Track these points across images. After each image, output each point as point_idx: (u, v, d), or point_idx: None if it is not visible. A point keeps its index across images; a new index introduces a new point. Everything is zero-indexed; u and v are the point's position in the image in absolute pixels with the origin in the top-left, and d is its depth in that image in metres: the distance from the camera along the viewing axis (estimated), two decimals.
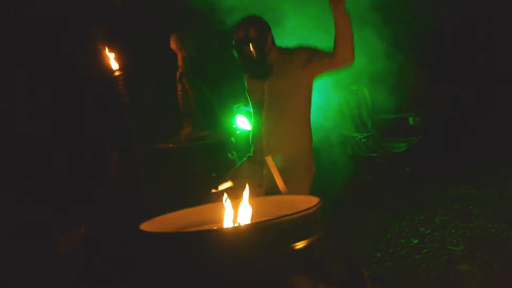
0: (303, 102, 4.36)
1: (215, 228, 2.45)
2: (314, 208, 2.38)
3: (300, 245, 2.24)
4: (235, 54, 4.40)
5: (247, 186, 2.56)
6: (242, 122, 5.89)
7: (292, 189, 2.98)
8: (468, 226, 5.66)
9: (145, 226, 2.42)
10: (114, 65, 4.67)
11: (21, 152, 5.54)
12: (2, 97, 5.58)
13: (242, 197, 2.51)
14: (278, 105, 4.33)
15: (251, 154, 4.57)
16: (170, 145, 6.06)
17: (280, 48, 4.45)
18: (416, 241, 5.49)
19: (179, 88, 6.03)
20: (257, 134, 4.47)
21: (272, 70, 4.34)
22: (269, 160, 3.24)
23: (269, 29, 4.41)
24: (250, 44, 4.27)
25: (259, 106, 4.43)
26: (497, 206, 6.18)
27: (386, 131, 8.62)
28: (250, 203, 2.60)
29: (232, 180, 4.42)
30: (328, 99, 7.88)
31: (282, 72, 4.32)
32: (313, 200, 2.52)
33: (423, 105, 8.61)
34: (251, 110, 4.54)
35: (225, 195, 2.49)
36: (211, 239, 2.11)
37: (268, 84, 4.38)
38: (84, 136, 5.95)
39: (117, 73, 4.69)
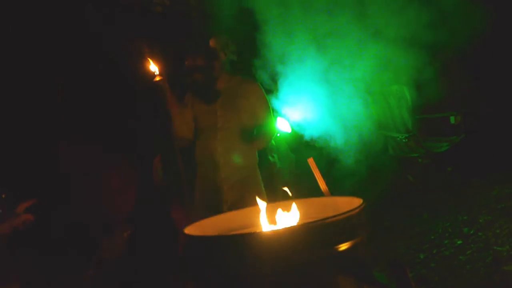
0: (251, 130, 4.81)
1: (258, 231, 2.46)
2: (358, 210, 2.38)
3: (344, 246, 2.25)
4: (185, 80, 4.81)
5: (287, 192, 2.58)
6: (282, 125, 5.89)
7: (251, 193, 3.15)
8: None
9: (190, 230, 2.44)
10: (155, 70, 4.73)
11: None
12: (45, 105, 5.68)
13: (283, 199, 2.52)
14: (232, 127, 4.74)
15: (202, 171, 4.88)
16: None
17: (230, 75, 4.94)
18: (460, 242, 5.43)
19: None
20: (208, 153, 4.78)
21: (220, 95, 4.79)
22: (311, 162, 3.25)
23: (217, 57, 4.87)
24: (199, 72, 4.71)
25: (211, 128, 4.76)
26: None
27: (427, 131, 8.54)
28: (293, 205, 2.62)
29: None
30: (368, 99, 7.85)
31: (232, 99, 4.78)
32: (356, 202, 2.53)
33: (465, 103, 8.50)
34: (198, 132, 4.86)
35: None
36: (254, 242, 2.13)
37: (220, 108, 4.77)
38: (124, 142, 6.02)
39: (157, 78, 4.75)
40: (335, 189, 3.49)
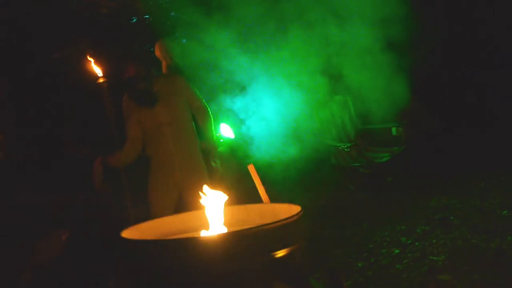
0: (191, 119, 5.20)
1: (195, 236, 2.44)
2: (296, 217, 2.39)
3: (281, 253, 2.25)
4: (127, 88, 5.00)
5: (225, 195, 2.58)
6: (226, 130, 5.90)
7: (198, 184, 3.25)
8: (449, 236, 5.69)
9: (127, 233, 2.42)
10: (98, 72, 4.68)
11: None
12: None
13: (222, 205, 2.51)
14: (176, 123, 5.07)
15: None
16: None
17: (163, 76, 5.32)
18: (397, 251, 5.51)
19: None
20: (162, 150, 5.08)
21: (158, 97, 5.01)
22: (251, 168, 3.25)
23: (151, 64, 5.25)
24: (139, 79, 4.89)
25: (158, 127, 5.04)
26: (478, 216, 6.22)
27: (369, 141, 8.65)
28: (231, 211, 2.61)
29: None
30: (311, 108, 7.91)
31: (170, 99, 5.05)
32: (295, 209, 2.53)
33: (406, 115, 8.65)
34: (145, 133, 5.13)
35: (205, 203, 2.50)
36: (191, 247, 2.12)
37: (161, 107, 5.01)
38: (66, 143, 5.94)
39: (101, 80, 4.70)
40: (275, 197, 3.49)
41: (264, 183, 3.37)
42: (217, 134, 5.62)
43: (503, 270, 4.69)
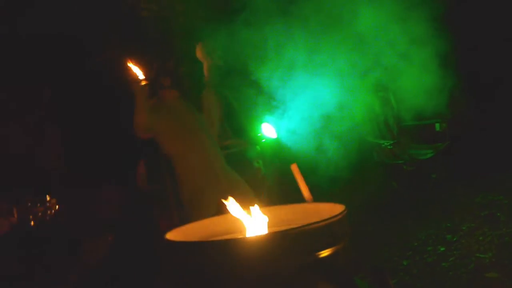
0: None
1: (239, 237, 2.45)
2: (340, 216, 2.38)
3: (325, 253, 2.24)
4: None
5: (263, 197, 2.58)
6: (268, 130, 5.90)
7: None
8: (496, 233, 5.61)
9: (171, 235, 2.44)
10: (140, 75, 4.73)
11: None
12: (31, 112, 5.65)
13: (265, 205, 2.52)
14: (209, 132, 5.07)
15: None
16: None
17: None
18: (443, 249, 5.46)
19: (205, 97, 6.06)
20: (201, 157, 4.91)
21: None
22: (295, 168, 3.25)
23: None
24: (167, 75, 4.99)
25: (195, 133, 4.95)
26: None
27: (412, 138, 8.57)
28: (276, 211, 2.61)
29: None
30: (354, 105, 7.87)
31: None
32: (339, 208, 2.53)
33: (450, 111, 8.54)
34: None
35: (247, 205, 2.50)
36: (235, 248, 2.12)
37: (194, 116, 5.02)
38: (110, 146, 6.01)
39: (143, 83, 4.75)
40: (319, 196, 3.49)
41: (307, 182, 3.37)
42: (259, 134, 5.63)
43: None
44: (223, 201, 2.55)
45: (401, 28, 6.54)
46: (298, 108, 6.22)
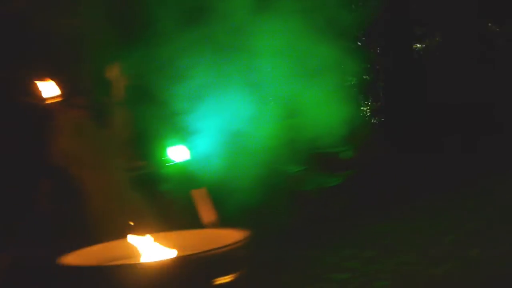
0: None
1: (135, 262, 2.42)
2: (240, 243, 2.38)
3: (222, 280, 2.24)
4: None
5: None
6: (177, 153, 5.86)
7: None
8: (395, 261, 5.75)
9: (68, 259, 2.38)
10: (47, 92, 4.62)
11: None
12: None
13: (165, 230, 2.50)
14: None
15: None
16: None
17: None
18: (345, 276, 5.53)
19: (114, 117, 5.96)
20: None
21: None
22: (202, 192, 3.24)
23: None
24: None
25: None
26: (424, 241, 6.31)
27: (320, 165, 8.70)
28: (177, 236, 2.60)
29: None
30: (262, 131, 7.92)
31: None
32: (242, 234, 2.53)
33: (359, 139, 8.73)
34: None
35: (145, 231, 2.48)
36: (131, 273, 2.10)
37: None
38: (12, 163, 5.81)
39: (49, 101, 4.64)
40: (226, 222, 3.48)
41: (215, 208, 3.37)
42: (167, 157, 5.57)
43: None
44: (126, 224, 2.52)
45: (313, 54, 6.65)
46: (208, 132, 6.21)
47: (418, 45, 10.68)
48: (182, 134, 6.00)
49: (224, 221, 3.39)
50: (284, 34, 5.59)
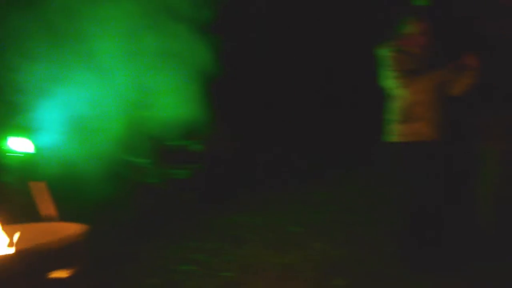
0: None
1: None
2: (78, 237, 2.35)
3: (58, 274, 2.19)
4: None
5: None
6: (15, 144, 5.65)
7: None
8: (240, 252, 5.87)
9: None
10: None
11: None
12: None
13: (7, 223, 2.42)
14: None
15: None
16: None
17: None
18: (190, 268, 5.57)
19: None
20: None
21: None
22: (41, 186, 3.15)
23: None
24: None
25: None
26: (269, 233, 6.50)
27: (168, 157, 8.70)
28: (14, 230, 2.52)
29: None
30: (109, 123, 7.80)
31: None
32: (80, 228, 2.49)
33: (207, 133, 8.80)
34: None
35: None
36: None
37: None
38: None
39: None
40: (67, 215, 3.38)
41: (56, 201, 3.27)
42: (6, 148, 5.37)
43: (293, 285, 4.93)
44: None
45: (163, 47, 6.62)
46: (52, 124, 6.03)
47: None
48: (25, 127, 5.81)
49: (65, 215, 3.30)
50: (126, 20, 5.53)
